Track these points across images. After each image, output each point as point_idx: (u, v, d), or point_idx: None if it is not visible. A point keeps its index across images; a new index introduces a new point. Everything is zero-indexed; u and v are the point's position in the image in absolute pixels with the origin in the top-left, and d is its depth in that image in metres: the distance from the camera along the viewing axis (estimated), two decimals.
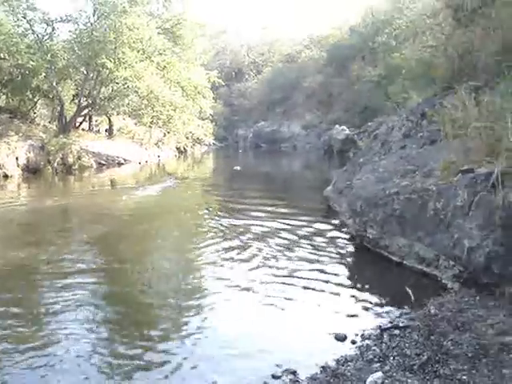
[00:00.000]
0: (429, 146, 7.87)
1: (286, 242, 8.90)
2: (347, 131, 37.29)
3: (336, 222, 10.07)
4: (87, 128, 35.15)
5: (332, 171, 15.92)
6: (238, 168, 24.01)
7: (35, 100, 30.35)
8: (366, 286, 6.49)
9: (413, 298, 5.60)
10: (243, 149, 53.11)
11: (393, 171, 7.53)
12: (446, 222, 5.90)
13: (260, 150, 50.11)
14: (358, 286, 6.52)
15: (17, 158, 22.09)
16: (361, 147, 33.27)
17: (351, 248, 8.29)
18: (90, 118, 35.67)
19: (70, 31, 27.34)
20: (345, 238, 8.78)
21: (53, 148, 23.46)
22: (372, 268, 7.33)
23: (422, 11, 31.61)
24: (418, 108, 9.42)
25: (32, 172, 22.35)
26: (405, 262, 6.70)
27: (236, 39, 76.26)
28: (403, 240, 6.68)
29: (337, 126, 39.01)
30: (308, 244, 8.65)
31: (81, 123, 34.01)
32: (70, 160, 24.47)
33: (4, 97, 29.17)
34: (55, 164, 23.34)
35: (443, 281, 5.97)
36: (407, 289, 5.78)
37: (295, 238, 9.17)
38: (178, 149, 39.25)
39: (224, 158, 40.53)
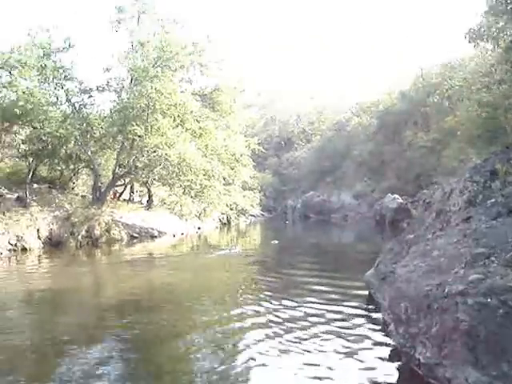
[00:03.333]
0: (507, 218, 5.40)
1: (307, 345, 6.46)
2: (400, 200, 34.92)
3: (376, 318, 7.50)
4: (128, 198, 34.37)
5: (383, 243, 13.55)
6: (276, 242, 21.80)
7: (75, 170, 29.80)
8: None
9: None
10: (292, 220, 51.08)
11: (454, 256, 5.07)
12: None
13: (309, 221, 48.01)
14: None
15: (38, 230, 20.67)
16: (415, 217, 30.84)
17: (392, 370, 5.61)
18: (132, 188, 34.80)
19: (106, 101, 26.91)
20: (385, 351, 6.14)
21: (77, 220, 21.96)
22: None
23: (476, 68, 29.53)
24: (486, 165, 6.90)
25: (54, 245, 20.78)
26: None
27: (285, 109, 76.01)
28: (476, 373, 4.02)
29: (389, 194, 36.74)
30: (331, 359, 6.13)
31: (121, 193, 33.13)
32: (97, 232, 22.82)
33: (46, 167, 28.85)
34: (79, 236, 21.68)
35: None
36: None
37: (319, 340, 6.67)
38: (221, 220, 37.48)
39: (270, 230, 38.33)
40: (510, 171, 5.87)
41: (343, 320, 7.68)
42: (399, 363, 5.55)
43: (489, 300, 4.00)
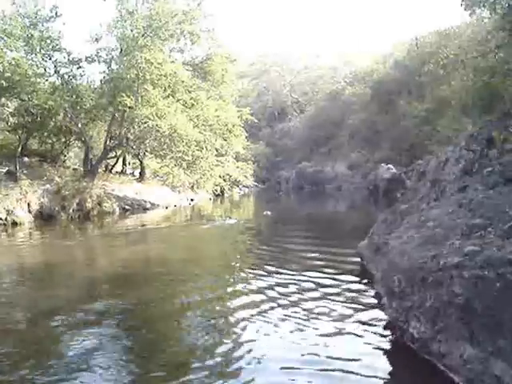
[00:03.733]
0: (504, 187, 5.20)
1: (298, 321, 6.30)
2: (394, 170, 34.76)
3: (369, 291, 7.34)
4: (120, 171, 34.07)
5: (377, 213, 13.37)
6: (269, 213, 21.63)
7: (66, 143, 29.43)
8: None
9: None
10: (285, 190, 50.99)
11: (449, 227, 4.87)
12: None
13: (303, 192, 47.91)
14: None
15: (28, 204, 20.40)
16: (409, 187, 30.75)
17: (385, 344, 5.44)
18: (124, 160, 34.48)
19: (95, 72, 26.38)
20: (378, 325, 5.97)
21: (68, 193, 21.68)
22: None
23: (473, 36, 29.04)
24: (482, 133, 6.63)
25: (45, 219, 20.54)
26: None
27: (278, 79, 75.25)
28: (471, 349, 3.85)
29: (383, 164, 36.57)
30: (324, 329, 5.98)
31: (113, 166, 32.85)
32: (89, 205, 22.57)
33: (37, 140, 28.47)
34: (70, 210, 21.43)
35: None
36: None
37: (311, 316, 6.52)
38: (214, 192, 37.27)
39: (264, 201, 38.15)
40: (508, 139, 5.64)
41: (336, 294, 7.47)
42: (392, 337, 5.38)
43: (485, 273, 3.80)
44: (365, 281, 7.98)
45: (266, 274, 9.26)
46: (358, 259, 9.36)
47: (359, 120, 50.78)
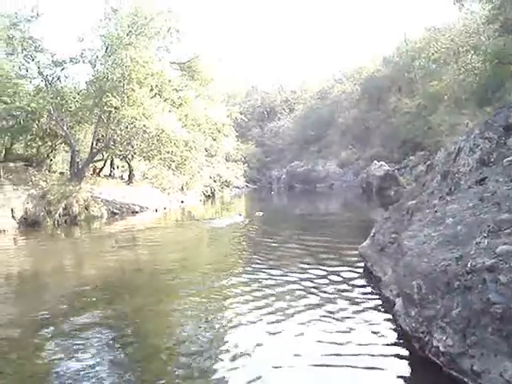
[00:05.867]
0: None
1: (298, 334, 5.70)
2: (386, 167, 34.41)
3: (376, 295, 6.73)
4: (108, 174, 33.44)
5: (371, 211, 12.86)
6: (261, 213, 21.04)
7: (52, 146, 28.76)
8: None
9: None
10: (277, 190, 50.55)
11: (473, 223, 4.30)
12: None
13: (294, 191, 47.48)
14: None
15: (12, 210, 19.66)
16: (403, 184, 30.34)
17: (402, 358, 4.73)
18: (112, 163, 33.83)
19: (80, 73, 25.68)
20: (391, 336, 5.35)
21: (53, 197, 20.94)
22: None
23: (463, 29, 28.74)
24: (498, 119, 6.07)
25: (30, 225, 19.82)
26: None
27: (267, 78, 75.11)
28: None
29: (375, 161, 36.18)
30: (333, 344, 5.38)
31: (101, 169, 32.22)
32: (75, 209, 21.82)
33: (22, 145, 27.76)
34: (56, 215, 20.70)
35: None
36: None
37: (312, 324, 5.94)
38: (205, 193, 36.70)
39: (256, 201, 37.61)
40: None
41: (339, 298, 6.84)
42: (410, 351, 4.75)
43: None
44: (370, 284, 7.37)
45: (260, 278, 8.64)
46: (361, 260, 8.75)
47: (349, 118, 50.57)
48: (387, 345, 5.08)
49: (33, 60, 23.94)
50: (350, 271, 8.53)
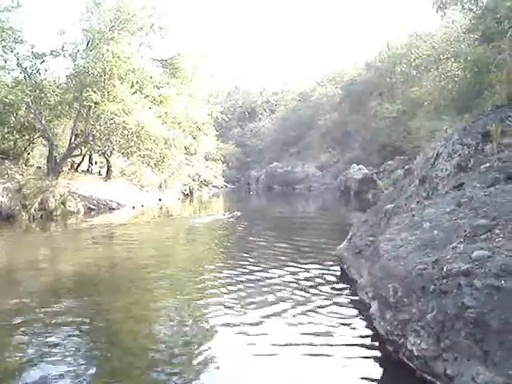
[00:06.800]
0: (506, 185, 4.70)
1: (273, 336, 5.66)
2: (365, 170, 34.67)
3: (351, 298, 6.73)
4: (86, 169, 33.12)
5: (349, 214, 12.88)
6: (239, 213, 20.97)
7: (30, 140, 28.34)
8: None
9: None
10: (255, 190, 50.58)
11: (449, 228, 4.34)
12: None
13: (273, 192, 47.54)
14: None
15: None
16: (381, 188, 30.57)
17: (376, 361, 4.78)
18: (90, 158, 33.51)
19: (61, 66, 25.30)
20: (365, 339, 5.37)
21: (29, 191, 20.63)
22: None
23: (445, 36, 29.10)
24: (476, 126, 6.13)
25: (5, 219, 19.51)
26: None
27: (249, 78, 75.19)
28: (486, 372, 3.27)
29: (354, 165, 36.43)
30: (308, 344, 5.37)
31: (79, 164, 31.90)
32: (52, 204, 21.53)
33: None
34: (32, 209, 20.39)
35: None
36: None
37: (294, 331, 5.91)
38: (183, 192, 36.54)
39: (234, 201, 37.52)
40: (505, 132, 5.16)
41: (313, 300, 6.85)
42: (384, 353, 4.76)
43: (502, 282, 3.28)
44: (346, 286, 7.38)
45: (236, 281, 8.57)
46: (338, 263, 8.76)
47: (330, 120, 50.86)
48: (361, 347, 5.10)
49: (12, 51, 23.51)
50: (326, 273, 8.52)
